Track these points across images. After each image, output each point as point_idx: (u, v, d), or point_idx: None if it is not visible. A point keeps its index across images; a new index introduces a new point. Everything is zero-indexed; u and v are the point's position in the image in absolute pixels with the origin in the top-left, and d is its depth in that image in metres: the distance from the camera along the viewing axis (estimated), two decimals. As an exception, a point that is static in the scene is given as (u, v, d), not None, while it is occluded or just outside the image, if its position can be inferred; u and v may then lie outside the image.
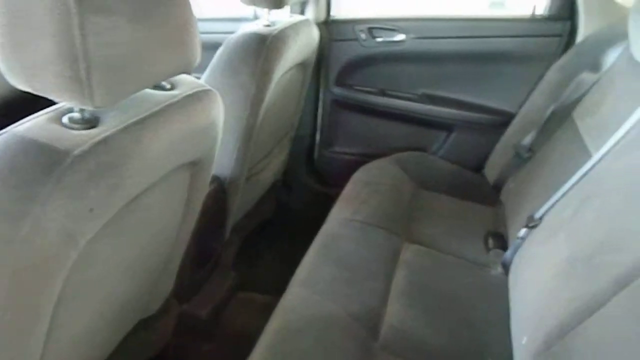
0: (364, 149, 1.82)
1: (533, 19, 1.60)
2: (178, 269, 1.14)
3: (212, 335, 1.35)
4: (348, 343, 0.97)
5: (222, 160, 1.30)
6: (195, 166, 0.90)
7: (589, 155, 1.16)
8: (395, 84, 1.76)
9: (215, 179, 1.30)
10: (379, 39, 1.70)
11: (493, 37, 1.62)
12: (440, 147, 1.77)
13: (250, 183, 1.48)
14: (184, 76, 0.83)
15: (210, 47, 1.34)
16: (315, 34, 1.52)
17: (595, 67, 1.40)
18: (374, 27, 1.70)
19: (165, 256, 1.02)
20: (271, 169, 1.62)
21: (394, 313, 1.06)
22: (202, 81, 1.29)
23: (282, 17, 1.45)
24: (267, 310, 1.06)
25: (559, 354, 0.83)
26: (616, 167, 1.03)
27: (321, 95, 1.82)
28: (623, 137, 1.07)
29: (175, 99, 0.77)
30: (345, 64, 1.76)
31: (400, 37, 1.68)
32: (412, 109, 1.74)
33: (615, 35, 1.36)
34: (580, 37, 1.51)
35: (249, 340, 0.97)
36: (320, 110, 1.85)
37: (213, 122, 0.88)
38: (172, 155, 0.79)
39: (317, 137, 1.89)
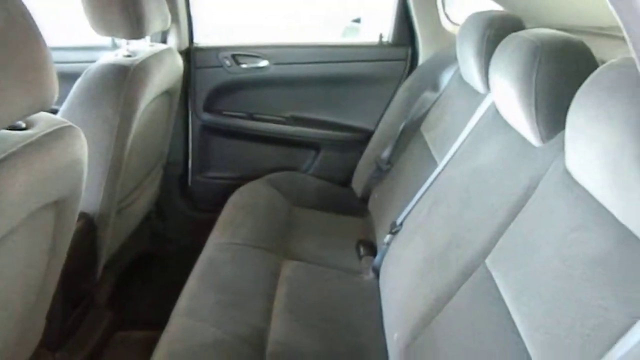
0: (238, 172, 1.85)
1: (380, 45, 1.78)
2: (47, 314, 1.07)
3: None
4: (235, 365, 0.99)
5: (90, 196, 1.24)
6: (59, 205, 0.86)
7: (435, 164, 1.32)
8: (263, 108, 1.82)
9: (83, 216, 1.24)
10: (243, 65, 1.76)
11: (347, 61, 1.76)
12: (310, 166, 1.87)
13: (121, 216, 1.43)
14: (41, 113, 0.80)
15: (68, 78, 1.29)
16: (179, 62, 1.53)
17: (435, 86, 1.59)
18: (237, 54, 1.75)
19: (31, 302, 0.95)
20: (143, 200, 1.58)
21: (278, 329, 1.10)
22: (60, 114, 1.24)
23: (143, 46, 1.44)
24: (150, 347, 1.04)
25: (425, 342, 0.94)
26: (455, 174, 1.19)
27: (190, 122, 1.82)
28: (459, 147, 1.24)
29: (33, 139, 0.74)
30: (212, 90, 1.78)
31: (264, 63, 1.76)
32: (280, 131, 1.82)
33: (448, 58, 1.56)
34: (421, 60, 1.72)
35: None
36: (190, 137, 1.84)
37: (76, 159, 0.85)
38: (33, 196, 0.75)
39: (190, 163, 1.88)
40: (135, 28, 1.24)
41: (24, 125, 0.76)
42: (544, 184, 0.84)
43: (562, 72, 0.87)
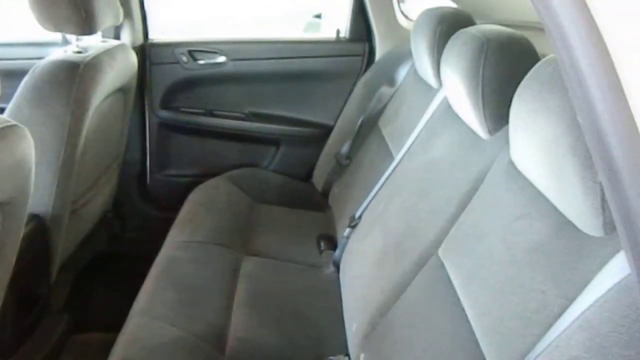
0: (197, 169, 1.83)
1: (338, 41, 1.79)
2: (-3, 321, 1.04)
3: None
4: (195, 363, 0.99)
5: (41, 197, 1.21)
6: (6, 207, 0.84)
7: (392, 158, 1.35)
8: (222, 104, 1.81)
9: (34, 218, 1.21)
10: (200, 62, 1.74)
11: (306, 57, 1.77)
12: (270, 162, 1.86)
13: (76, 217, 1.39)
14: None
15: (15, 75, 1.25)
16: (132, 58, 1.50)
17: (391, 81, 1.62)
18: (194, 50, 1.73)
19: (-22, 309, 0.92)
20: (99, 200, 1.55)
21: (238, 325, 1.10)
22: (7, 113, 1.20)
23: (94, 42, 1.41)
24: (108, 349, 1.02)
25: (382, 331, 0.96)
26: (410, 167, 1.22)
27: (147, 120, 1.79)
28: (414, 141, 1.27)
29: None
30: (169, 86, 1.76)
31: (221, 59, 1.74)
32: (240, 127, 1.81)
33: (404, 54, 1.59)
34: (378, 56, 1.74)
35: None
36: (147, 135, 1.81)
37: (22, 159, 0.83)
38: (-25, 198, 0.73)
39: (148, 162, 1.85)
40: (85, 23, 1.21)
41: (-36, 125, 0.74)
42: (490, 175, 0.87)
43: (507, 67, 0.90)
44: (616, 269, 0.52)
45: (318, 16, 3.25)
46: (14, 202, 0.85)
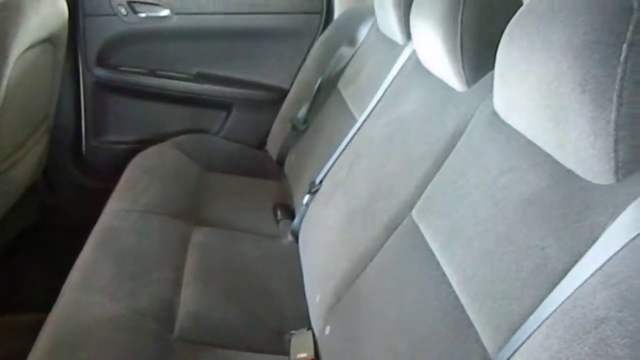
0: (139, 135, 1.68)
1: (293, -4, 1.67)
2: None
3: None
4: (139, 343, 0.87)
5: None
6: None
7: (354, 120, 1.26)
8: (166, 64, 1.65)
9: (-55, 182, 1.04)
10: (141, 14, 1.57)
11: (258, 13, 1.63)
12: (221, 128, 1.73)
13: (0, 182, 1.22)
14: None
15: None
16: (61, 4, 1.32)
17: (352, 41, 1.52)
18: (134, 0, 1.56)
19: None
20: (25, 166, 1.37)
21: (189, 300, 0.99)
22: None
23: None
24: (37, 331, 0.89)
25: (349, 302, 0.88)
26: (376, 127, 1.13)
27: (81, 78, 1.61)
28: (379, 101, 1.19)
29: None
30: (106, 41, 1.58)
31: (165, 12, 1.58)
32: (186, 89, 1.66)
33: (365, 11, 1.50)
34: (337, 13, 1.63)
35: None
36: (82, 96, 1.63)
37: None
38: None
39: (83, 126, 1.67)
40: None
41: None
42: (470, 128, 0.80)
43: (489, 11, 0.83)
44: (636, 216, 0.45)
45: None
46: None
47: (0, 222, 1.33)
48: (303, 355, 0.90)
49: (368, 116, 1.20)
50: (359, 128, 1.21)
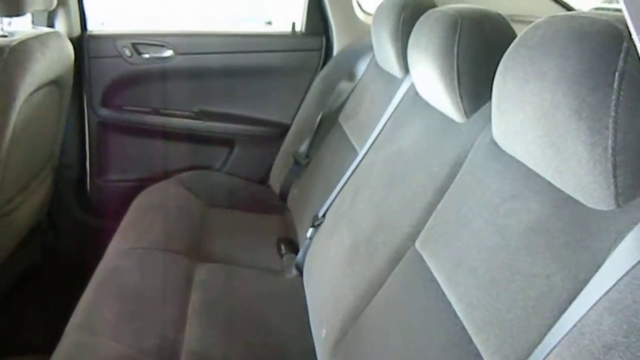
0: (143, 173, 1.69)
1: (294, 35, 1.71)
2: None
3: None
4: (142, 383, 0.86)
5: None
6: None
7: (356, 153, 1.27)
8: (169, 102, 1.68)
9: (-50, 224, 1.04)
10: (145, 55, 1.61)
11: (260, 52, 1.67)
12: (224, 164, 1.75)
13: (3, 224, 1.23)
14: None
15: None
16: (68, 48, 1.36)
17: (351, 76, 1.55)
18: (138, 42, 1.60)
19: None
20: (30, 207, 1.38)
21: (193, 337, 0.98)
22: None
23: (24, 27, 1.26)
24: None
25: (355, 336, 0.86)
26: (377, 160, 1.14)
27: (86, 119, 1.63)
28: (379, 133, 1.20)
29: None
30: (111, 82, 1.61)
31: (168, 52, 1.62)
32: (190, 126, 1.69)
33: (364, 47, 1.53)
34: (336, 50, 1.67)
35: None
36: (87, 135, 1.65)
37: None
38: None
39: (87, 165, 1.69)
40: (11, 1, 1.07)
41: None
42: (471, 158, 0.80)
43: (483, 43, 0.84)
44: (638, 242, 0.45)
45: (269, 23, 3.18)
46: None
47: (4, 263, 1.33)
48: (309, 393, 0.88)
49: (369, 149, 1.21)
50: (361, 161, 1.22)
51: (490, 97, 0.71)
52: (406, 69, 1.16)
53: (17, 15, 1.11)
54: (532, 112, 0.60)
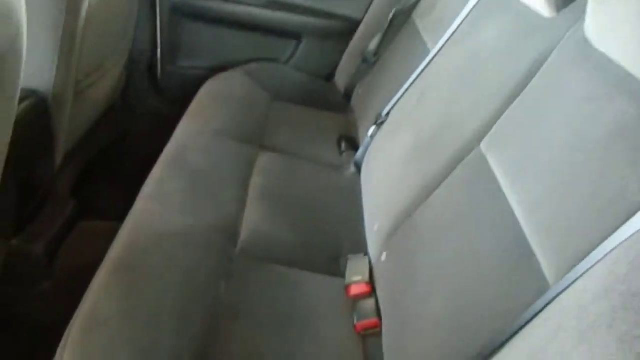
0: (212, 61, 1.70)
1: None
2: (-4, 199, 0.97)
3: (49, 272, 1.20)
4: (205, 252, 0.92)
5: (41, 72, 1.10)
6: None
7: (427, 51, 1.20)
8: None
9: (34, 93, 1.11)
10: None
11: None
12: (291, 57, 1.72)
13: (80, 101, 1.29)
14: None
15: None
16: None
17: (430, -32, 1.43)
18: None
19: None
20: (105, 85, 1.44)
21: (252, 217, 1.03)
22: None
23: None
24: (113, 238, 0.96)
25: (407, 231, 0.88)
26: (450, 58, 1.08)
27: (158, 3, 1.63)
28: (455, 30, 1.12)
29: None
30: (183, -34, 1.58)
31: None
32: (259, 16, 1.65)
33: None
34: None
35: (93, 273, 0.87)
36: (159, 21, 1.66)
37: (9, 9, 0.71)
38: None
39: (159, 51, 1.72)
40: None
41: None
42: (556, 55, 0.74)
43: None
44: None
45: None
46: (4, 59, 0.75)
47: (81, 142, 1.42)
48: (358, 278, 0.91)
49: (442, 47, 1.14)
50: (432, 59, 1.16)
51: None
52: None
53: None
54: (635, 5, 0.53)
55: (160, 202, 1.00)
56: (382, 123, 1.21)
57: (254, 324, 0.81)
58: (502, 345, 0.51)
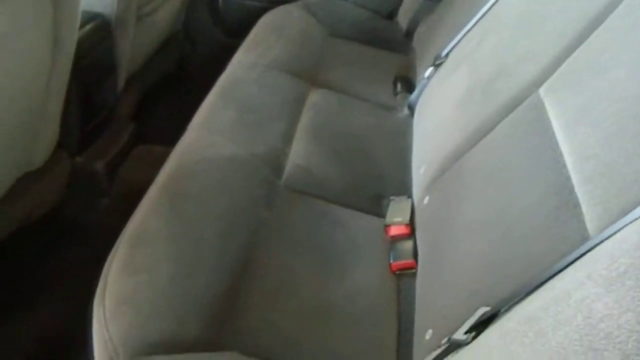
0: (272, -6, 1.67)
1: None
2: (61, 116, 1.03)
3: (108, 189, 1.28)
4: (250, 181, 0.95)
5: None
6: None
7: (494, -8, 1.12)
8: None
9: (97, 16, 1.15)
10: None
11: None
12: (352, -8, 1.66)
13: (142, 25, 1.32)
14: None
15: None
16: None
17: None
18: None
19: (37, 100, 0.90)
20: (167, 11, 1.46)
21: (298, 152, 1.04)
22: None
23: None
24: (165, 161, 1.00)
25: (453, 175, 0.86)
26: (511, 2, 1.01)
27: None
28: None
29: None
30: None
31: None
32: None
33: None
34: None
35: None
36: None
37: None
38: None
39: (220, -20, 1.71)
40: None
41: None
42: (633, -4, 0.67)
43: None
44: None
45: None
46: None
47: (144, 66, 1.46)
48: (398, 219, 0.91)
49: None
50: (495, 2, 1.08)
51: None
52: None
53: None
54: None
55: (210, 131, 1.03)
56: (440, 64, 1.16)
57: (293, 252, 0.84)
58: (534, 289, 0.51)
